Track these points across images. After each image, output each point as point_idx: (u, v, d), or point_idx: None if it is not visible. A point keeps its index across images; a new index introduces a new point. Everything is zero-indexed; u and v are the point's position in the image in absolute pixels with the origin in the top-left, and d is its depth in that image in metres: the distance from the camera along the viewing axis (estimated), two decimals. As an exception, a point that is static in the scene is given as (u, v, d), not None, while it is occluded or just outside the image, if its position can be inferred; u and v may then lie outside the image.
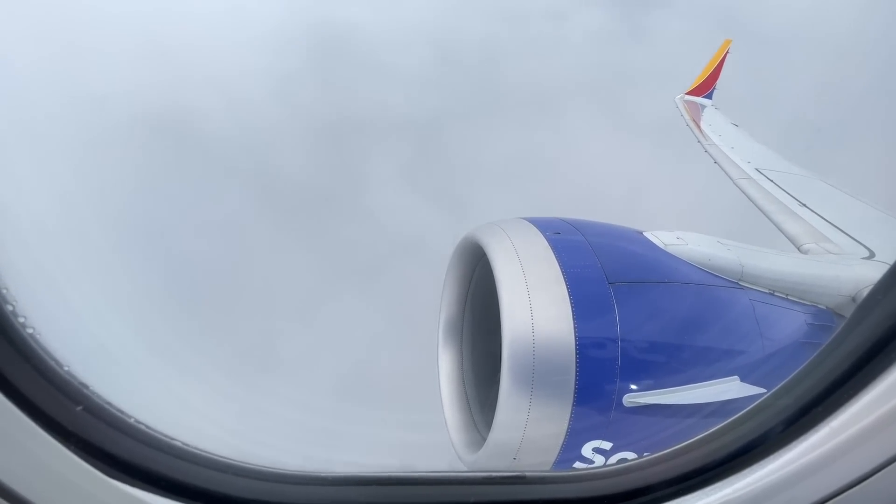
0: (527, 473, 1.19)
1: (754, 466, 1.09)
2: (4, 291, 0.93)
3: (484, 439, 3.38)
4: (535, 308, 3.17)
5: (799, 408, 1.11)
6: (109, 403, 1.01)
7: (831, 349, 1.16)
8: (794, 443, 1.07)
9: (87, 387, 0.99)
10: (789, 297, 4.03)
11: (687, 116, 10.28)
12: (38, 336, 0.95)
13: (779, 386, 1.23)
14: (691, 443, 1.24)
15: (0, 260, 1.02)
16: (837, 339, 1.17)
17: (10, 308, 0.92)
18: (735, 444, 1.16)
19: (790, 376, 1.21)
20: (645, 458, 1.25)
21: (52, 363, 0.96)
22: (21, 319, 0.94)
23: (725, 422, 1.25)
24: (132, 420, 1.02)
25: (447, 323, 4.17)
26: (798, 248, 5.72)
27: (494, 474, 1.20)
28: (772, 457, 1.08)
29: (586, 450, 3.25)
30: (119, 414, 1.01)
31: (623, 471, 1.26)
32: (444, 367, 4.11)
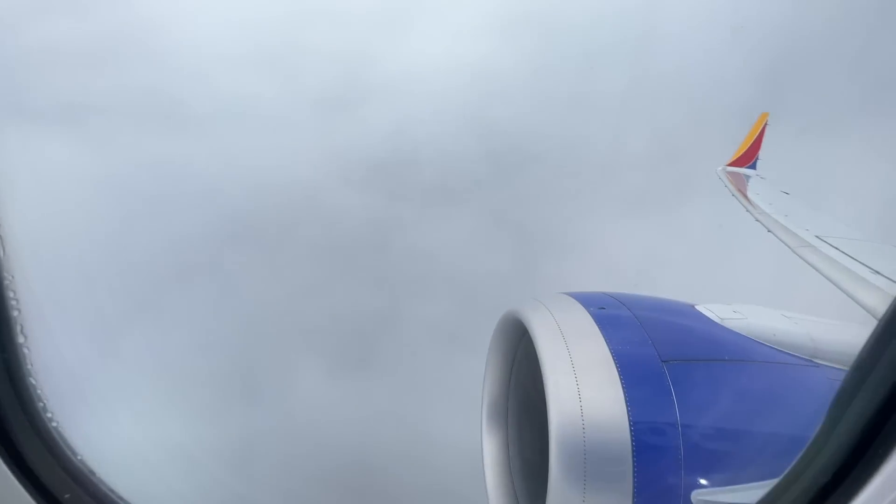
0: None
1: None
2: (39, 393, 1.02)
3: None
4: (584, 390, 2.97)
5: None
6: (112, 490, 1.05)
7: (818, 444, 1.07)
8: None
9: (93, 474, 1.04)
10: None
11: (731, 186, 10.11)
12: (61, 429, 1.02)
13: (783, 476, 1.11)
14: None
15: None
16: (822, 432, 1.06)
17: (40, 404, 0.99)
18: None
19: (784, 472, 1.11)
20: None
21: (66, 450, 1.02)
22: (48, 415, 1.01)
23: None
24: None
25: (490, 405, 3.96)
26: (877, 320, 5.18)
27: None
28: None
29: None
30: (118, 501, 1.05)
31: None
32: (489, 454, 3.85)
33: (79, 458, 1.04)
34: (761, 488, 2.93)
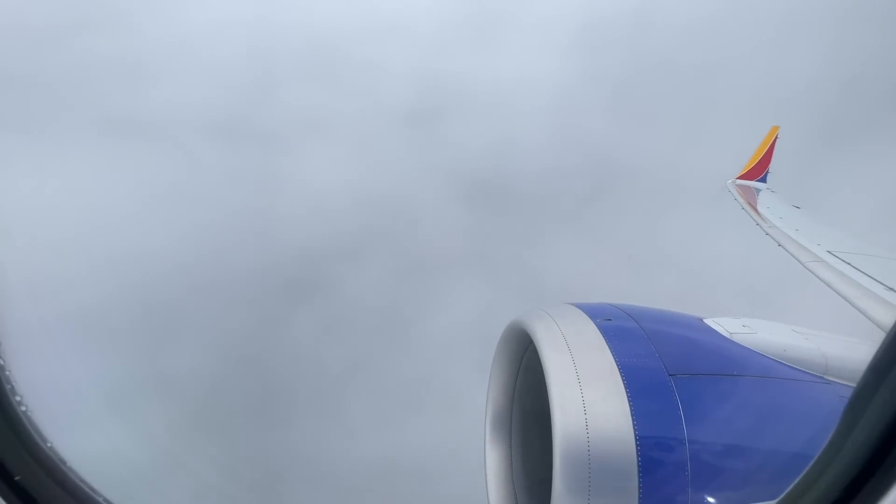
0: None
1: None
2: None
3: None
4: (589, 402, 2.93)
5: None
6: (83, 481, 1.03)
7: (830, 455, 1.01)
8: None
9: (64, 463, 1.02)
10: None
11: (741, 200, 10.02)
12: (29, 413, 1.00)
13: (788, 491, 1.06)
14: None
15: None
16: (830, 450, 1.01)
17: (8, 386, 0.99)
18: None
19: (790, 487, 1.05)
20: None
21: (37, 438, 1.00)
22: (18, 398, 0.99)
23: None
24: (101, 499, 1.04)
25: (494, 416, 3.92)
26: (891, 338, 5.08)
27: None
28: None
29: None
30: (90, 492, 1.03)
31: None
32: (492, 464, 3.80)
33: (49, 445, 1.02)
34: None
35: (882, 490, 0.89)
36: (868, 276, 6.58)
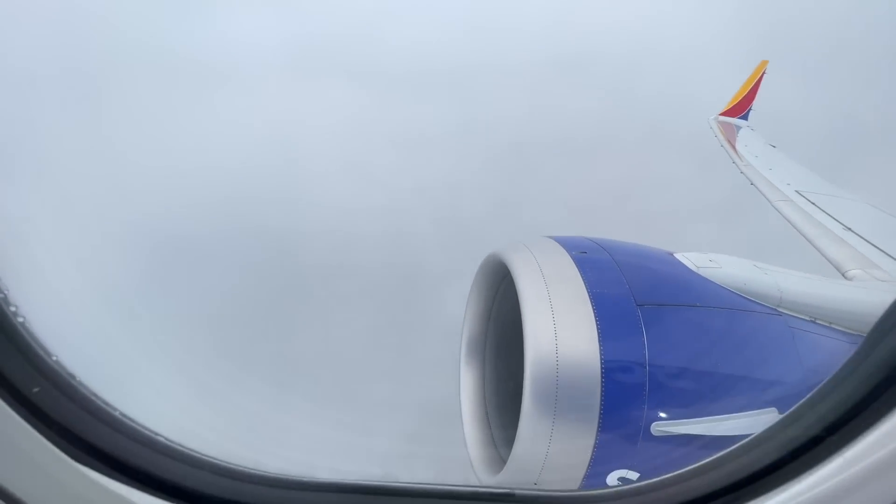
0: (516, 491, 1.15)
1: (759, 499, 1.01)
2: None
3: (504, 460, 3.29)
4: (560, 328, 3.09)
5: (810, 436, 1.04)
6: (95, 395, 0.99)
7: (845, 374, 1.08)
8: (804, 474, 0.99)
9: (74, 377, 0.98)
10: (833, 326, 3.80)
11: (721, 137, 10.04)
12: (28, 325, 0.94)
13: (788, 412, 1.14)
14: (694, 468, 1.16)
15: None
16: (851, 364, 1.08)
17: (1, 296, 0.92)
18: (740, 472, 1.08)
19: (800, 402, 1.13)
20: (645, 483, 1.18)
21: (41, 352, 0.94)
22: (13, 308, 0.93)
23: (731, 449, 1.17)
24: (117, 413, 1.01)
25: (470, 341, 4.11)
26: (843, 275, 5.43)
27: (482, 489, 1.17)
28: (780, 488, 1.00)
29: (611, 479, 3.11)
30: (104, 406, 1.00)
31: (621, 494, 1.20)
32: (466, 386, 4.04)
33: (54, 358, 0.96)
34: (716, 421, 3.19)
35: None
36: (830, 216, 6.87)
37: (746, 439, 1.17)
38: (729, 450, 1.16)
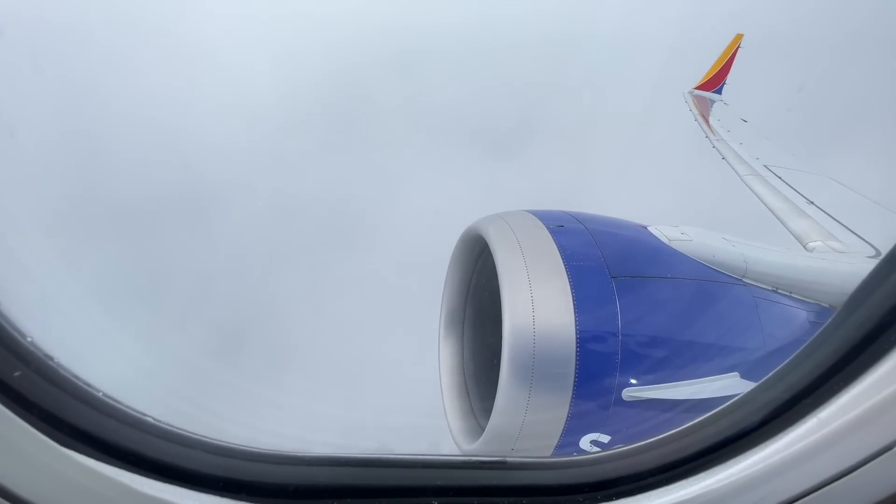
0: (507, 459, 1.18)
1: (739, 457, 1.08)
2: None
3: (482, 429, 3.40)
4: (537, 300, 3.17)
5: (787, 399, 1.11)
6: (76, 376, 0.97)
7: (821, 340, 1.15)
8: (781, 434, 1.06)
9: (51, 358, 0.95)
10: (793, 295, 4.00)
11: (695, 111, 10.17)
12: (1, 307, 0.91)
13: (767, 377, 1.21)
14: (675, 433, 1.23)
15: None
16: (827, 331, 1.15)
17: None
18: (720, 434, 1.15)
19: (779, 367, 1.20)
20: (628, 448, 1.24)
21: (15, 333, 0.91)
22: None
23: (711, 413, 1.24)
24: (100, 394, 0.99)
25: (449, 313, 4.17)
26: (804, 246, 5.68)
27: (475, 458, 1.20)
28: (758, 447, 1.07)
29: (584, 442, 3.27)
30: (85, 387, 0.98)
31: (604, 459, 1.25)
32: (445, 358, 4.12)
33: (29, 339, 0.93)
34: (683, 386, 3.35)
35: (882, 352, 1.00)
36: (795, 190, 7.12)
37: (729, 402, 1.24)
38: (713, 412, 1.23)
